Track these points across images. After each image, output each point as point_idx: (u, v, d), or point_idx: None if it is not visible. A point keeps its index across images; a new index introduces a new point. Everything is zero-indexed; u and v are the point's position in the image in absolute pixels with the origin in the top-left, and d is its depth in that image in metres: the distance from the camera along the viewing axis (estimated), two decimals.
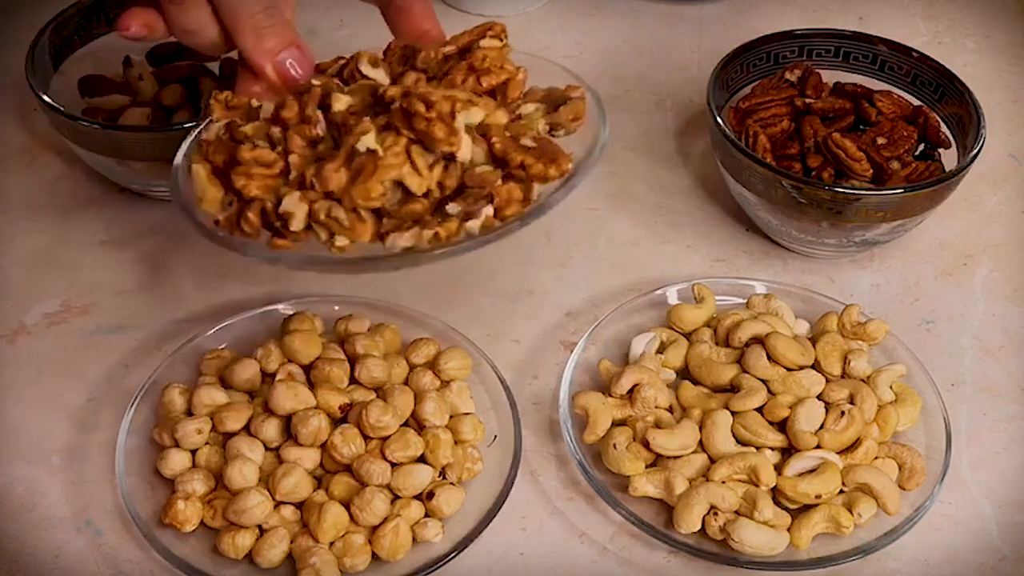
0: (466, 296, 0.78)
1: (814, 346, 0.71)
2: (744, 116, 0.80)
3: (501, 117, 0.59)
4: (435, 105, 0.55)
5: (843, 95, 0.83)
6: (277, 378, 0.68)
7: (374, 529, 0.63)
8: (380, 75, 0.61)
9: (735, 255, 0.81)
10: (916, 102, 0.83)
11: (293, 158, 0.57)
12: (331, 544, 0.63)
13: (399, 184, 0.56)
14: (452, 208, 0.57)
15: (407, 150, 0.56)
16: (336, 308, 0.74)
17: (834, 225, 0.75)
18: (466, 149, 0.57)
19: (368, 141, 0.56)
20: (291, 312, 0.73)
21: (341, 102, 0.58)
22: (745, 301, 0.75)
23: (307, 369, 0.69)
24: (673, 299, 0.76)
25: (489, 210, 0.57)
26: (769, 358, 0.70)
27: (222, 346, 0.72)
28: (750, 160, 0.75)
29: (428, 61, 0.61)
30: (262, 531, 0.63)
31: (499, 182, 0.57)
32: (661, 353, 0.72)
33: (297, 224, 0.56)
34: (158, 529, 0.64)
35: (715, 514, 0.64)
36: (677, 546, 0.65)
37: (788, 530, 0.64)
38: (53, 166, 0.85)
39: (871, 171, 0.77)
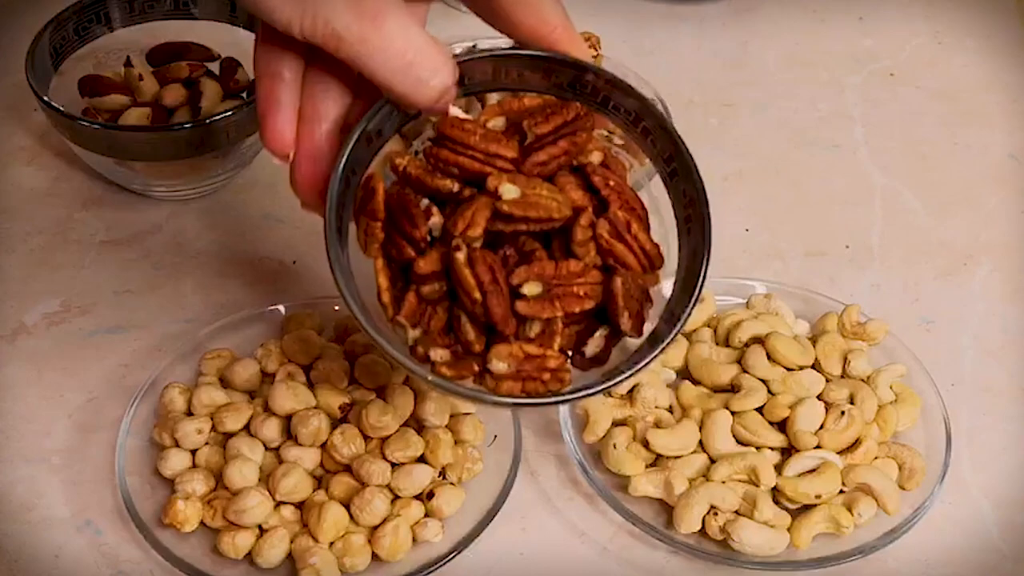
0: None
1: (814, 346, 0.71)
2: None
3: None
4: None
5: None
6: (277, 378, 0.68)
7: (374, 529, 0.63)
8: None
9: (735, 255, 0.81)
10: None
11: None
12: (331, 544, 0.63)
13: None
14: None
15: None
16: (336, 308, 0.74)
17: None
18: None
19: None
20: (291, 312, 0.73)
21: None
22: (745, 301, 0.75)
23: (307, 369, 0.69)
24: None
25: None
26: (769, 358, 0.70)
27: (222, 346, 0.72)
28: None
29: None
30: (262, 531, 0.63)
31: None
32: None
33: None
34: (158, 529, 0.64)
35: (715, 514, 0.64)
36: (677, 546, 0.65)
37: (788, 530, 0.64)
38: (53, 166, 0.85)
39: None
